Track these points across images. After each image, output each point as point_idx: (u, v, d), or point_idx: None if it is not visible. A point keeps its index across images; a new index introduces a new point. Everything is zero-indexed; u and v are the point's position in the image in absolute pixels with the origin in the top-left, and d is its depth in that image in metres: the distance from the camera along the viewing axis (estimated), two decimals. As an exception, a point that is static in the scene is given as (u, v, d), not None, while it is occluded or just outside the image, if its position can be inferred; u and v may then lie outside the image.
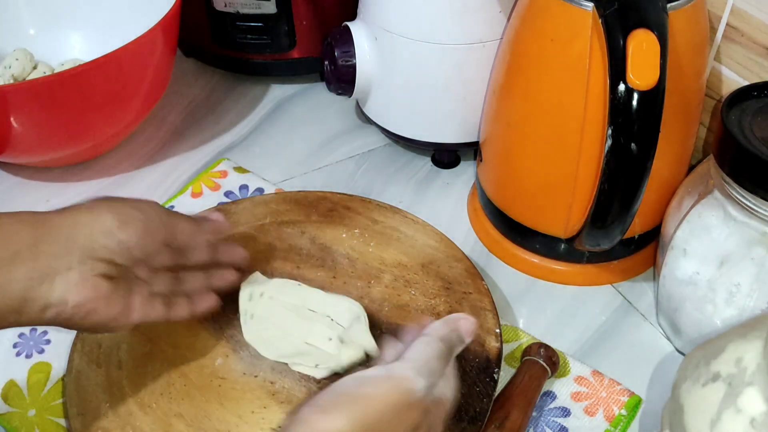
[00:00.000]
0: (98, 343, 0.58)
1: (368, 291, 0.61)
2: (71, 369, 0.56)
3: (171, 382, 0.55)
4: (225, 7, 0.79)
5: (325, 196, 0.69)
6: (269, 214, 0.67)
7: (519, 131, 0.62)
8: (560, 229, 0.62)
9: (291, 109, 0.85)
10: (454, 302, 0.59)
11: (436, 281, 0.61)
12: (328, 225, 0.66)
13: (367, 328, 0.55)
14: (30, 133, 0.68)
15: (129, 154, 0.79)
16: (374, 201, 0.68)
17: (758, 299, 0.53)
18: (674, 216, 0.58)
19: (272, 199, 0.69)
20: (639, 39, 0.49)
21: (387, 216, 0.67)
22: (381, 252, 0.64)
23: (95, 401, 0.54)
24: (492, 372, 0.55)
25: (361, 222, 0.66)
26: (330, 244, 0.64)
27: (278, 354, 0.56)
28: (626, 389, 0.56)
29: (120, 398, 0.54)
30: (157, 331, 0.58)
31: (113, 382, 0.55)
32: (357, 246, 0.64)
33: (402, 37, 0.68)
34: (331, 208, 0.68)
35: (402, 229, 0.65)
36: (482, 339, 0.56)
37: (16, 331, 0.60)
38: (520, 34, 0.59)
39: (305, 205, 0.68)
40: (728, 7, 0.63)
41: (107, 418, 0.53)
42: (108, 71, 0.67)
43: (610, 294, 0.65)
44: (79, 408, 0.54)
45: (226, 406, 0.54)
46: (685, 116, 0.59)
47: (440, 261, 0.63)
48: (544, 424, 0.55)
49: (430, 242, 0.64)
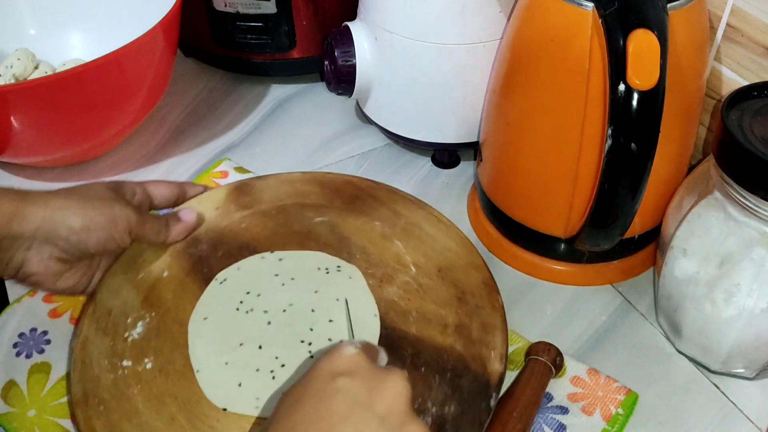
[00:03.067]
0: (108, 311, 0.58)
1: (379, 290, 0.60)
2: (80, 333, 0.57)
3: (171, 361, 0.55)
4: (225, 7, 0.79)
5: (351, 181, 0.68)
6: (293, 194, 0.67)
7: (519, 131, 0.62)
8: (560, 229, 0.62)
9: (291, 109, 0.85)
10: (464, 315, 0.58)
11: (449, 289, 0.60)
12: (350, 213, 0.65)
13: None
14: (31, 133, 0.68)
15: (129, 154, 0.79)
16: (400, 192, 0.67)
17: (758, 299, 0.53)
18: (674, 216, 0.58)
19: (298, 178, 0.68)
20: (639, 39, 0.49)
21: (411, 210, 0.65)
22: (399, 250, 0.62)
23: (97, 369, 0.55)
24: (489, 397, 0.53)
25: (383, 213, 0.65)
26: (349, 234, 0.64)
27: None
28: (623, 386, 0.56)
29: (121, 370, 0.55)
30: (166, 306, 0.59)
31: (116, 353, 0.56)
32: (376, 240, 0.63)
33: (402, 37, 0.68)
34: (356, 195, 0.66)
35: (425, 226, 0.64)
36: (485, 360, 0.55)
37: (17, 330, 0.61)
38: (520, 34, 0.59)
39: (331, 189, 0.67)
40: (728, 7, 0.63)
41: (106, 388, 0.54)
42: (109, 71, 0.67)
43: (610, 294, 0.65)
44: (81, 374, 0.55)
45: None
46: (685, 116, 0.59)
47: (458, 267, 0.61)
48: (542, 422, 0.55)
49: (451, 245, 0.63)
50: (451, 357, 0.55)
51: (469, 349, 0.56)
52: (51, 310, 0.62)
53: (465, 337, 0.56)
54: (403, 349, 0.56)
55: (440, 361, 0.55)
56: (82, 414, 0.53)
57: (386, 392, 0.42)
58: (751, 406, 0.57)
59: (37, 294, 0.63)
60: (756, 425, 0.56)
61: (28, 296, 0.63)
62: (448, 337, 0.56)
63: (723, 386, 0.58)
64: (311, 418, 0.42)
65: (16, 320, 0.61)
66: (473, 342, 0.56)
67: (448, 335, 0.57)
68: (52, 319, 0.61)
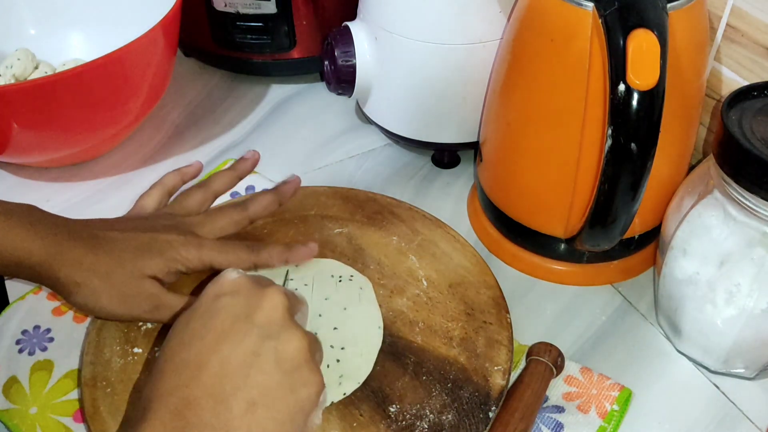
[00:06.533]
0: None
1: (389, 300, 0.61)
2: (96, 319, 0.59)
3: None
4: (225, 7, 0.79)
5: (374, 198, 0.69)
6: (316, 206, 0.68)
7: (519, 131, 0.62)
8: (560, 229, 0.63)
9: (291, 109, 0.85)
10: (470, 329, 0.58)
11: (459, 304, 0.60)
12: (369, 227, 0.66)
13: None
14: (31, 133, 0.68)
15: (129, 154, 0.79)
16: (420, 211, 0.68)
17: (758, 299, 0.53)
18: (674, 216, 0.58)
19: (323, 192, 0.70)
20: (639, 39, 0.49)
21: (429, 228, 0.66)
22: (412, 264, 0.63)
23: (109, 354, 0.57)
24: (488, 409, 0.53)
25: (401, 230, 0.66)
26: (365, 246, 0.65)
27: None
28: (616, 383, 0.57)
29: (131, 357, 0.57)
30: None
31: (129, 340, 0.58)
32: (391, 254, 0.64)
33: (402, 37, 0.68)
34: (377, 211, 0.68)
35: (441, 244, 0.65)
36: (487, 374, 0.55)
37: (20, 327, 0.61)
38: (520, 34, 0.59)
39: (353, 204, 0.69)
40: (728, 7, 0.63)
41: (114, 372, 0.56)
42: (109, 71, 0.67)
43: (610, 294, 0.65)
44: (93, 357, 0.57)
45: None
46: (685, 116, 0.59)
47: (469, 284, 0.62)
48: (540, 422, 0.55)
49: (465, 263, 0.63)
50: (454, 368, 0.56)
51: (473, 362, 0.56)
52: (55, 308, 0.62)
53: (469, 350, 0.57)
54: (406, 357, 0.57)
55: (442, 371, 0.56)
56: (90, 395, 0.54)
57: (264, 305, 0.47)
58: (751, 406, 0.57)
59: (42, 291, 0.63)
60: (756, 425, 0.56)
61: (32, 293, 0.63)
62: (452, 349, 0.57)
63: (723, 386, 0.58)
64: (199, 333, 0.46)
65: (19, 317, 0.62)
66: (477, 356, 0.56)
67: (452, 347, 0.57)
68: (56, 317, 0.62)
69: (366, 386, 0.55)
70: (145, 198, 0.63)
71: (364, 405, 0.54)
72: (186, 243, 0.57)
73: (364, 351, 0.57)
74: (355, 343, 0.57)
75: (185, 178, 0.67)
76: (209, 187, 0.65)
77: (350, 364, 0.56)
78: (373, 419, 0.53)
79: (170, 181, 0.65)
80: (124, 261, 0.55)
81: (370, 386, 0.55)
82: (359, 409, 0.53)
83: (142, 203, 0.63)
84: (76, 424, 0.55)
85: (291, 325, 0.47)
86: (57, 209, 0.70)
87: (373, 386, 0.55)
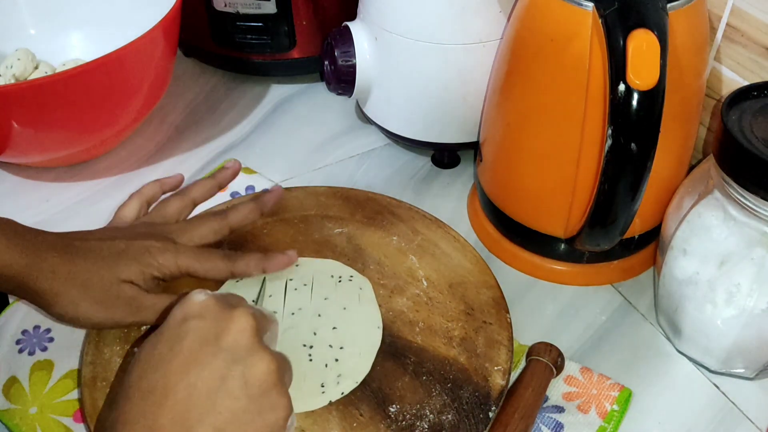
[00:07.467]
0: None
1: (388, 300, 0.61)
2: None
3: None
4: (225, 7, 0.79)
5: (374, 198, 0.69)
6: (316, 206, 0.68)
7: (519, 131, 0.62)
8: (560, 229, 0.63)
9: (291, 109, 0.85)
10: (470, 329, 0.58)
11: (458, 304, 0.60)
12: (369, 227, 0.66)
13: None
14: (31, 133, 0.68)
15: (129, 154, 0.79)
16: (421, 211, 0.68)
17: (758, 299, 0.53)
18: (674, 216, 0.58)
19: (323, 192, 0.70)
20: (639, 39, 0.49)
21: (430, 228, 0.66)
22: (412, 264, 0.63)
23: (108, 353, 0.57)
24: (488, 409, 0.53)
25: (401, 230, 0.66)
26: (365, 246, 0.65)
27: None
28: (616, 383, 0.57)
29: (132, 356, 0.56)
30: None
31: (129, 340, 0.58)
32: (391, 254, 0.64)
33: (402, 37, 0.68)
34: (377, 211, 0.68)
35: (441, 245, 0.65)
36: (488, 373, 0.55)
37: (20, 327, 0.61)
38: (520, 34, 0.59)
39: (353, 204, 0.69)
40: (728, 7, 0.63)
41: (114, 371, 0.56)
42: (109, 71, 0.67)
43: (610, 294, 0.65)
44: (93, 357, 0.57)
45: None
46: (685, 116, 0.59)
47: (469, 284, 0.62)
48: (540, 422, 0.55)
49: (465, 263, 0.63)
50: (454, 368, 0.56)
51: (473, 362, 0.56)
52: (54, 309, 0.62)
53: (469, 350, 0.57)
54: (406, 357, 0.57)
55: (442, 371, 0.56)
56: (89, 395, 0.55)
57: (232, 327, 0.45)
58: (751, 406, 0.57)
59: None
60: (756, 425, 0.56)
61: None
62: (452, 349, 0.57)
63: (723, 386, 0.58)
64: (166, 357, 0.45)
65: (19, 317, 0.62)
66: (477, 356, 0.57)
67: (452, 347, 0.57)
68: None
69: (366, 386, 0.55)
70: (124, 208, 0.63)
71: (364, 405, 0.54)
72: (163, 249, 0.57)
73: (363, 350, 0.57)
74: (354, 343, 0.57)
75: (165, 188, 0.65)
76: (188, 195, 0.64)
77: (348, 364, 0.56)
78: (373, 419, 0.53)
79: (149, 191, 0.64)
80: (100, 268, 0.55)
81: (370, 386, 0.55)
82: (359, 409, 0.54)
83: (120, 214, 0.62)
84: (76, 424, 0.55)
85: (259, 348, 0.45)
86: (57, 209, 0.71)
87: (373, 386, 0.55)
